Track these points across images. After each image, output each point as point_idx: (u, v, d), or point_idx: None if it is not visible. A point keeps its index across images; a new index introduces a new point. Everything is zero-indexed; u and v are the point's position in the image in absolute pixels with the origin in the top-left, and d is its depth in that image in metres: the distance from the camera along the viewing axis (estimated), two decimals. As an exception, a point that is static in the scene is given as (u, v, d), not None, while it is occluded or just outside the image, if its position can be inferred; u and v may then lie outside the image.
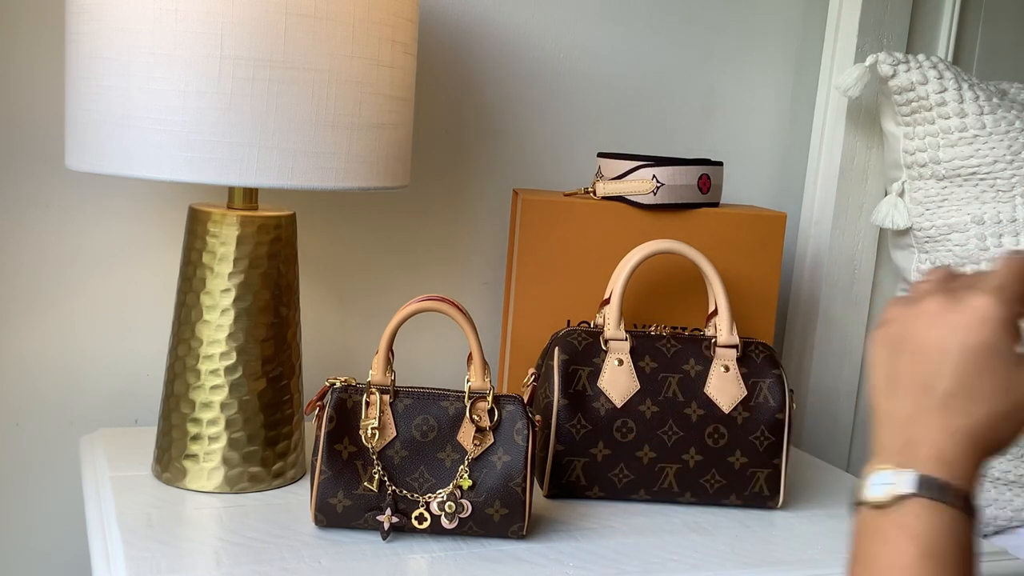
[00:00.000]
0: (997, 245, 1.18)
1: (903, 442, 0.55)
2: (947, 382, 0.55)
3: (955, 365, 0.54)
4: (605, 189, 1.11)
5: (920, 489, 0.53)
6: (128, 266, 1.12)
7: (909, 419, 0.55)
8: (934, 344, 0.55)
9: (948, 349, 0.55)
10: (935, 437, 0.54)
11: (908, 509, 0.53)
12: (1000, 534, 1.19)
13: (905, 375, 0.56)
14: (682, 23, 1.32)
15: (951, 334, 0.55)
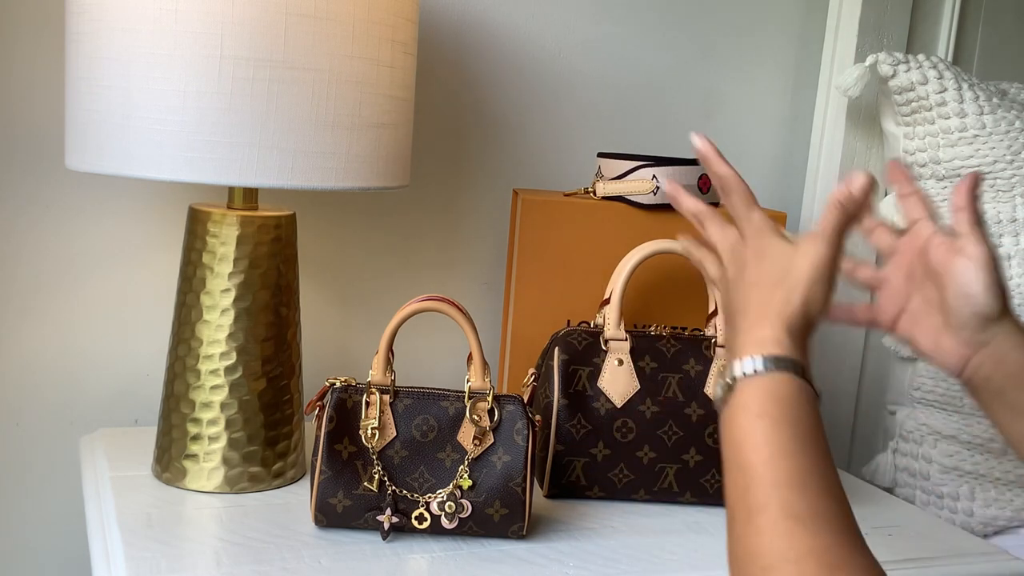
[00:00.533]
0: (997, 245, 1.18)
1: (747, 341, 0.67)
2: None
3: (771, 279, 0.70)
4: (605, 189, 1.11)
5: (762, 366, 0.65)
6: (128, 266, 1.12)
7: (750, 328, 0.68)
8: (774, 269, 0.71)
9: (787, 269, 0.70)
10: (764, 331, 0.67)
11: (757, 384, 0.64)
12: (1000, 534, 1.19)
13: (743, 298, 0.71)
14: (682, 23, 1.32)
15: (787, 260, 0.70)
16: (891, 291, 0.81)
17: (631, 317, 1.10)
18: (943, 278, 0.75)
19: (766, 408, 0.63)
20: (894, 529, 0.97)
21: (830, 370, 1.36)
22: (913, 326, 0.78)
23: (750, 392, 0.64)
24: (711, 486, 0.96)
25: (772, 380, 0.64)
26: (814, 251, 0.69)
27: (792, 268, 0.69)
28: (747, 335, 0.68)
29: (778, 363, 0.65)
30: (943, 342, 0.75)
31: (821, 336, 1.34)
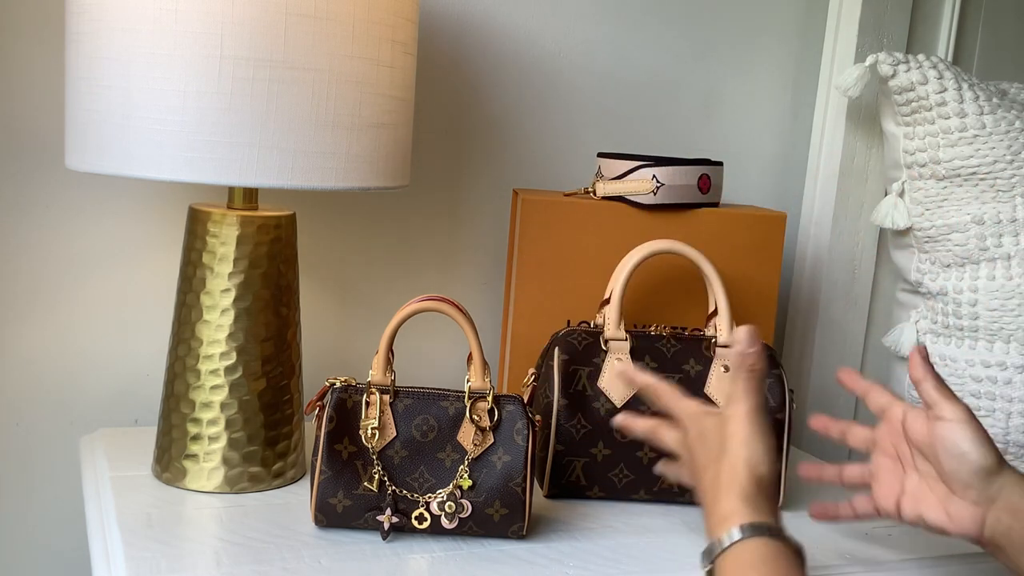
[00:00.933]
0: (997, 245, 1.18)
1: (715, 522, 0.71)
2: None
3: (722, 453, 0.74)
4: (605, 189, 1.11)
5: (741, 533, 0.67)
6: (128, 266, 1.12)
7: (712, 510, 0.72)
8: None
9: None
10: (725, 507, 0.70)
11: (732, 559, 0.67)
12: (1000, 534, 1.19)
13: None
14: (682, 23, 1.32)
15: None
16: (884, 479, 0.83)
17: (631, 317, 1.10)
18: (932, 448, 0.78)
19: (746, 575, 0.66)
20: (894, 529, 0.97)
21: (830, 370, 1.36)
22: (918, 504, 0.80)
23: (729, 568, 0.67)
24: (711, 486, 0.96)
25: (744, 549, 0.67)
26: (739, 414, 0.74)
27: (727, 438, 0.73)
28: (713, 517, 0.71)
29: (744, 531, 0.68)
30: (953, 510, 0.77)
31: (821, 336, 1.35)
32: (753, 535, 0.67)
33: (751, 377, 0.75)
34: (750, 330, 0.75)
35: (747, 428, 0.73)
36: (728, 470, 0.72)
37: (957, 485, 0.77)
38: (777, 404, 0.96)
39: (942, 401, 0.77)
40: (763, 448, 0.72)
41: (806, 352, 1.36)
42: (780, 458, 0.87)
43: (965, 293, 1.20)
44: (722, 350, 0.97)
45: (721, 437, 0.74)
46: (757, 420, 0.73)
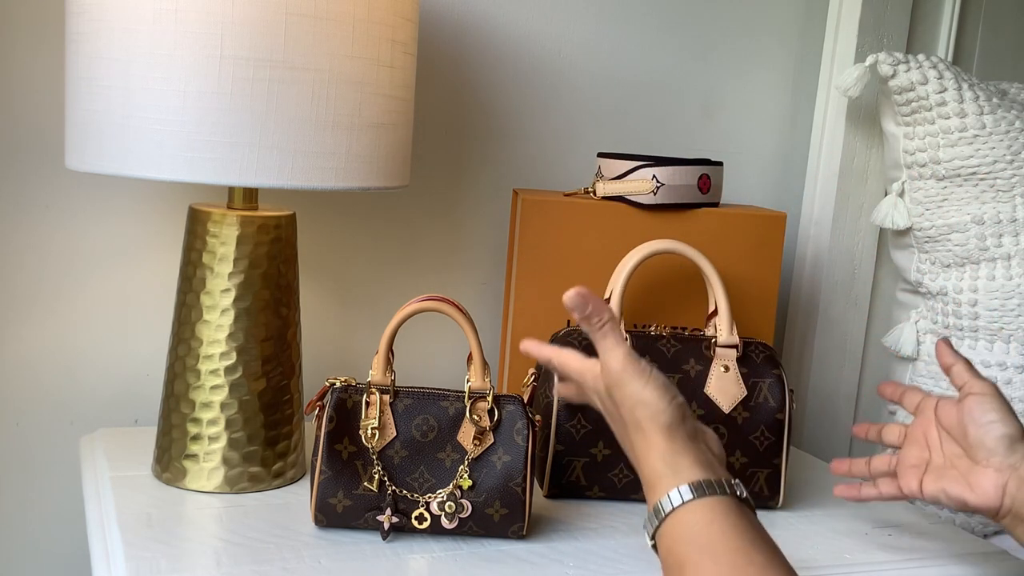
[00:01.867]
0: (997, 245, 1.18)
1: (647, 492, 0.69)
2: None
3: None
4: (605, 189, 1.11)
5: (671, 503, 0.66)
6: (128, 266, 1.12)
7: (642, 475, 0.70)
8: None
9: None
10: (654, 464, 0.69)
11: (673, 525, 0.65)
12: (1000, 534, 1.19)
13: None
14: (682, 23, 1.32)
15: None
16: (909, 461, 0.86)
17: (631, 317, 1.10)
18: (961, 422, 0.82)
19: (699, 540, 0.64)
20: (894, 529, 0.97)
21: (830, 370, 1.36)
22: (940, 480, 0.82)
23: (668, 545, 0.65)
24: (711, 486, 0.96)
25: (677, 521, 0.65)
26: (615, 374, 0.71)
27: (619, 405, 0.71)
28: (645, 488, 0.69)
29: (672, 499, 0.66)
30: (975, 481, 0.79)
31: (821, 336, 1.35)
32: (684, 502, 0.65)
33: (602, 333, 0.72)
34: (573, 295, 0.71)
35: (631, 385, 0.70)
36: (638, 437, 0.69)
37: (982, 452, 0.79)
38: (777, 404, 0.96)
39: (972, 379, 0.83)
40: (655, 394, 0.69)
41: (806, 352, 1.36)
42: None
43: (965, 293, 1.20)
44: (722, 350, 0.97)
45: (616, 406, 0.72)
46: (634, 370, 0.70)
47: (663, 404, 0.69)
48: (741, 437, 0.95)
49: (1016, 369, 1.17)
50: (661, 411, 0.68)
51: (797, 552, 0.89)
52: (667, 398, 0.69)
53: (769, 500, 0.98)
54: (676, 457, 0.67)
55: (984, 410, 0.80)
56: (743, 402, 0.96)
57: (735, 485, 0.67)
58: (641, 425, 0.69)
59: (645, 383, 0.69)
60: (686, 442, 0.68)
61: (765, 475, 0.96)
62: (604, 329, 0.72)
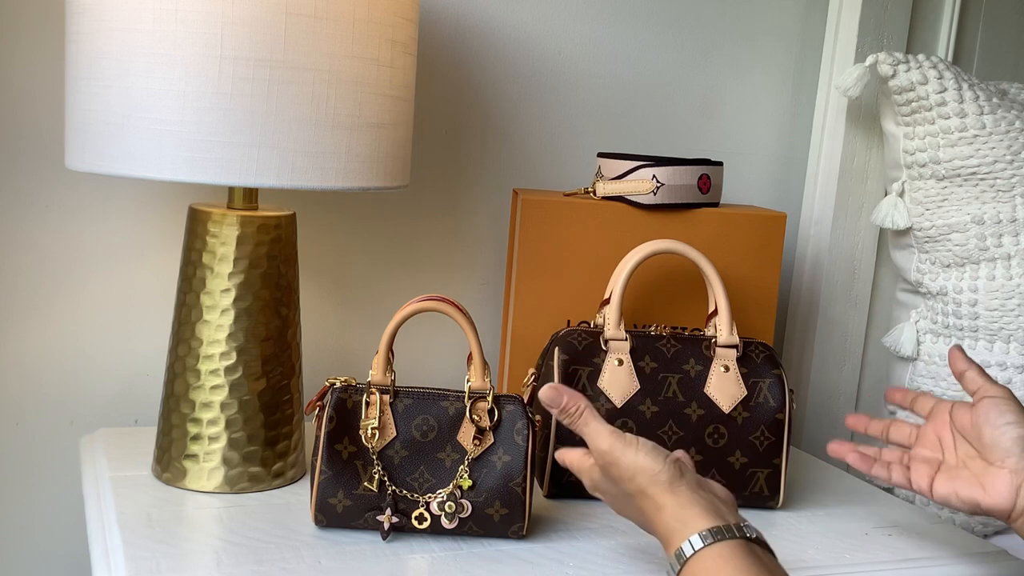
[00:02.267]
0: (997, 245, 1.18)
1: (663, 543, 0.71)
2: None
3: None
4: (605, 189, 1.11)
5: (679, 562, 0.68)
6: (128, 266, 1.12)
7: (655, 530, 0.73)
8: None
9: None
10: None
11: (699, 562, 0.67)
12: (1000, 534, 1.19)
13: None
14: (682, 23, 1.32)
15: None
16: (922, 457, 0.86)
17: (631, 317, 1.10)
18: (976, 424, 0.82)
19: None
20: (894, 529, 0.97)
21: (830, 370, 1.36)
22: (952, 481, 0.82)
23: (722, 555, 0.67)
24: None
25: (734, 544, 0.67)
26: (604, 455, 0.74)
27: (618, 482, 0.74)
28: (662, 538, 0.72)
29: (680, 558, 0.68)
30: (989, 482, 0.80)
31: (821, 335, 1.35)
32: (695, 551, 0.67)
33: (583, 421, 0.76)
34: (547, 391, 0.76)
35: (623, 458, 0.73)
36: (645, 503, 0.72)
37: (997, 453, 0.80)
38: (777, 404, 0.96)
39: (987, 383, 0.84)
40: (648, 458, 0.72)
41: (806, 352, 1.36)
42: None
43: (965, 293, 1.20)
44: (722, 350, 0.97)
45: (615, 483, 0.75)
46: (622, 443, 0.73)
47: (659, 465, 0.72)
48: (741, 437, 0.95)
49: (1016, 369, 1.17)
50: (658, 471, 0.72)
51: (797, 552, 0.89)
52: (661, 459, 0.72)
53: (769, 500, 0.98)
54: (684, 511, 0.70)
55: (1000, 411, 0.81)
56: (743, 402, 0.96)
57: (744, 528, 0.69)
58: (645, 491, 0.72)
59: (636, 451, 0.73)
60: (690, 495, 0.71)
61: (765, 475, 0.96)
62: (584, 417, 0.76)
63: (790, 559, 0.87)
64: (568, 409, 0.76)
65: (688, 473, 0.73)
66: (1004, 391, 0.83)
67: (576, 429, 0.76)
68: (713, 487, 0.75)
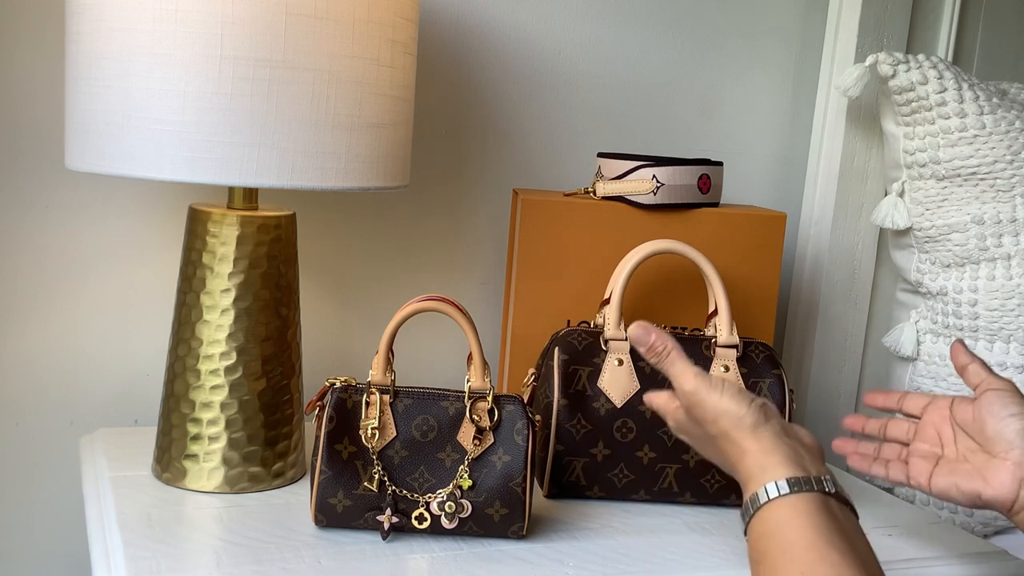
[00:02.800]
0: (997, 245, 1.18)
1: (743, 482, 0.71)
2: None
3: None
4: (605, 189, 1.11)
5: (752, 507, 0.68)
6: (128, 266, 1.12)
7: (736, 471, 0.73)
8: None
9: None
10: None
11: (771, 511, 0.66)
12: (1000, 534, 1.19)
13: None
14: (682, 23, 1.32)
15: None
16: (921, 452, 0.85)
17: (631, 317, 1.10)
18: (979, 416, 0.81)
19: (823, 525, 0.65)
20: (894, 529, 0.97)
21: (830, 370, 1.36)
22: (952, 474, 0.81)
23: (756, 541, 0.67)
24: (711, 486, 0.96)
25: (760, 520, 0.67)
26: (691, 394, 0.74)
27: (704, 423, 0.74)
28: (741, 477, 0.72)
29: (754, 503, 0.68)
30: (991, 474, 0.79)
31: (821, 336, 1.35)
32: (769, 499, 0.66)
33: (669, 360, 0.76)
34: (635, 329, 0.77)
35: (708, 400, 0.73)
36: (728, 446, 0.72)
37: (1001, 445, 0.79)
38: (777, 404, 0.96)
39: (990, 376, 0.83)
40: (733, 402, 0.72)
41: (806, 352, 1.36)
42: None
43: (965, 293, 1.20)
44: (722, 350, 0.97)
45: (699, 425, 0.75)
46: (707, 385, 0.73)
47: (743, 409, 0.72)
48: (741, 437, 0.95)
49: (1016, 369, 1.17)
50: (743, 415, 0.71)
51: (797, 552, 0.89)
52: (746, 403, 0.72)
53: (769, 500, 0.97)
54: (766, 456, 0.69)
55: (1004, 403, 0.80)
56: (743, 402, 0.95)
57: (824, 481, 0.68)
58: (728, 434, 0.72)
59: (721, 394, 0.72)
60: (775, 440, 0.70)
61: (765, 475, 0.96)
62: (671, 357, 0.76)
63: (790, 559, 0.87)
64: (656, 347, 0.76)
65: (774, 418, 0.72)
66: (1007, 383, 0.82)
67: (662, 369, 0.76)
68: (800, 433, 0.74)
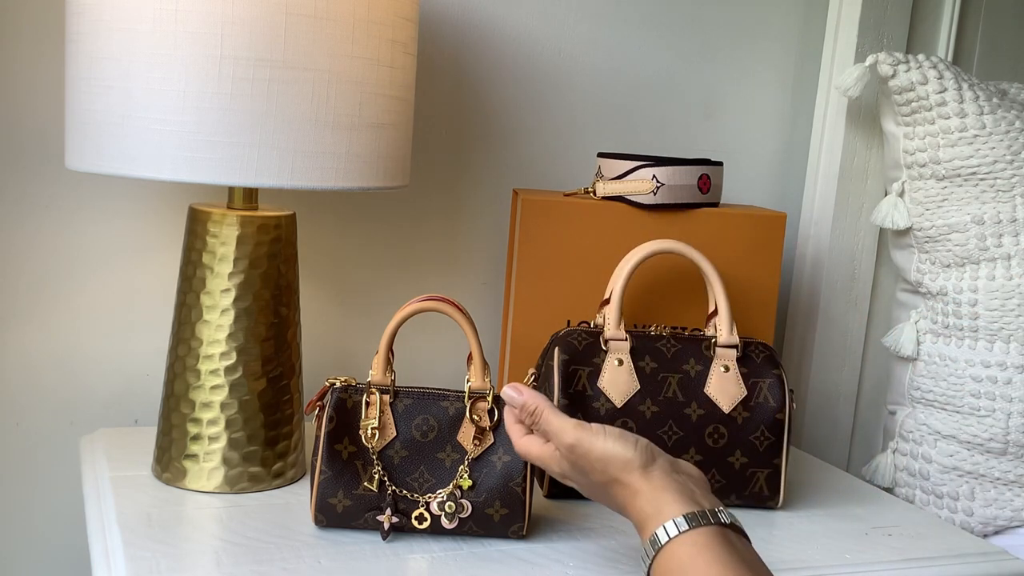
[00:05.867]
0: (997, 245, 1.18)
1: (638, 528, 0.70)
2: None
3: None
4: (605, 189, 1.11)
5: (653, 548, 0.67)
6: (128, 266, 1.12)
7: (628, 515, 0.72)
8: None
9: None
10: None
11: (673, 549, 0.66)
12: (1000, 534, 1.19)
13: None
14: (682, 23, 1.32)
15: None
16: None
17: (631, 317, 1.10)
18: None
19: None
20: (894, 529, 0.97)
21: (830, 370, 1.36)
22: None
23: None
24: (711, 486, 0.96)
25: (662, 560, 0.66)
26: (571, 446, 0.73)
27: (587, 473, 0.73)
28: (636, 523, 0.71)
29: (654, 543, 0.67)
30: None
31: (821, 335, 1.35)
32: (670, 538, 0.66)
33: (544, 420, 0.75)
34: (507, 390, 0.76)
35: (592, 449, 0.72)
36: (619, 490, 0.71)
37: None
38: (777, 404, 0.96)
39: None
40: (618, 445, 0.71)
41: (806, 352, 1.36)
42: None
43: (965, 293, 1.20)
44: (722, 350, 0.97)
45: (587, 475, 0.73)
46: (588, 433, 0.72)
47: (630, 452, 0.71)
48: (741, 437, 0.95)
49: (1016, 369, 1.17)
50: (631, 458, 0.71)
51: (797, 552, 0.89)
52: (631, 445, 0.71)
53: (769, 500, 0.98)
54: (659, 495, 0.69)
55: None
56: (743, 402, 0.96)
57: (720, 513, 0.68)
58: (618, 479, 0.71)
59: (604, 439, 0.72)
60: (665, 478, 0.70)
61: (765, 475, 0.96)
62: (544, 415, 0.75)
63: (790, 559, 0.87)
64: (528, 407, 0.76)
65: (660, 456, 0.72)
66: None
67: (538, 429, 0.76)
68: (687, 468, 0.73)
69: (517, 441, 0.78)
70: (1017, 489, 1.17)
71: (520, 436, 0.78)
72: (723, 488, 0.96)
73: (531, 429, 0.77)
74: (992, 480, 1.18)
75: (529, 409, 0.76)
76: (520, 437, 0.78)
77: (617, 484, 0.71)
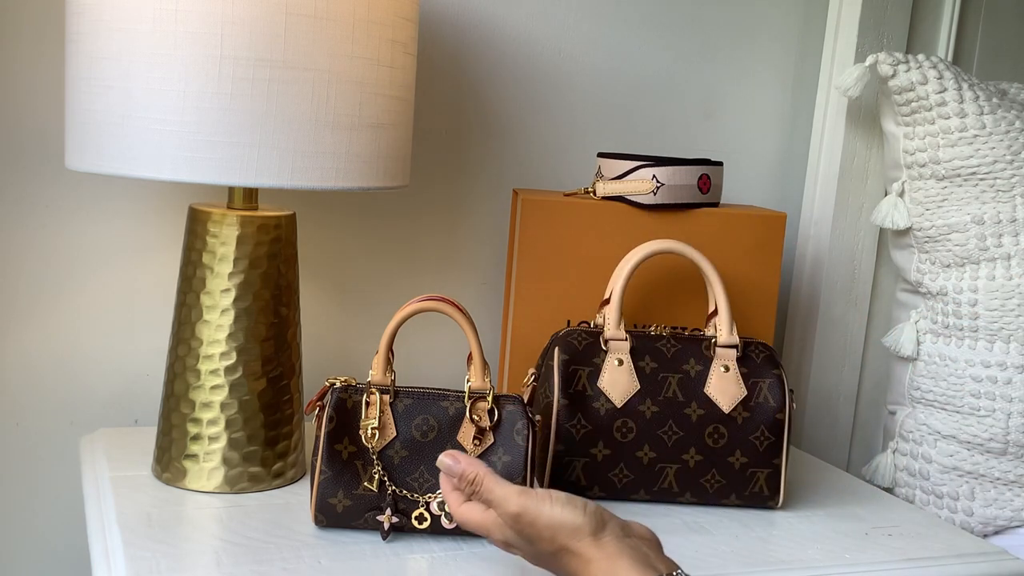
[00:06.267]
0: (997, 245, 1.18)
1: None
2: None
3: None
4: (605, 189, 1.11)
5: None
6: (128, 266, 1.12)
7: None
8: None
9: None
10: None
11: None
12: (1000, 534, 1.19)
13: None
14: (682, 23, 1.32)
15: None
16: None
17: (631, 317, 1.10)
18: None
19: None
20: (894, 529, 0.97)
21: (830, 370, 1.36)
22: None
23: None
24: (711, 486, 0.96)
25: None
26: (516, 515, 0.68)
27: (534, 541, 0.69)
28: None
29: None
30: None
31: (821, 335, 1.35)
32: None
33: (485, 488, 0.70)
34: (444, 459, 0.72)
35: (539, 516, 0.67)
36: (570, 559, 0.67)
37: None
38: (777, 404, 0.96)
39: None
40: (566, 511, 0.67)
41: (806, 352, 1.36)
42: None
43: (965, 293, 1.20)
44: (722, 350, 0.97)
45: (533, 544, 0.69)
46: (534, 500, 0.68)
47: (580, 518, 0.67)
48: (741, 437, 0.95)
49: (1016, 369, 1.17)
50: (580, 524, 0.67)
51: (797, 552, 0.89)
52: (580, 510, 0.67)
53: (769, 500, 0.98)
54: (612, 563, 0.65)
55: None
56: (743, 402, 0.96)
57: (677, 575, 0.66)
58: (568, 547, 0.67)
59: (552, 505, 0.67)
60: (618, 544, 0.67)
61: (765, 475, 0.96)
62: (485, 484, 0.70)
63: (790, 559, 0.87)
64: (467, 476, 0.71)
65: (611, 520, 0.68)
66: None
67: (479, 499, 0.71)
68: (638, 531, 0.70)
69: (455, 509, 0.72)
70: (1017, 489, 1.17)
71: (459, 504, 0.72)
72: (723, 488, 0.96)
73: (470, 496, 0.72)
74: (992, 480, 1.18)
75: (468, 478, 0.71)
76: (459, 505, 0.72)
77: (567, 553, 0.67)
